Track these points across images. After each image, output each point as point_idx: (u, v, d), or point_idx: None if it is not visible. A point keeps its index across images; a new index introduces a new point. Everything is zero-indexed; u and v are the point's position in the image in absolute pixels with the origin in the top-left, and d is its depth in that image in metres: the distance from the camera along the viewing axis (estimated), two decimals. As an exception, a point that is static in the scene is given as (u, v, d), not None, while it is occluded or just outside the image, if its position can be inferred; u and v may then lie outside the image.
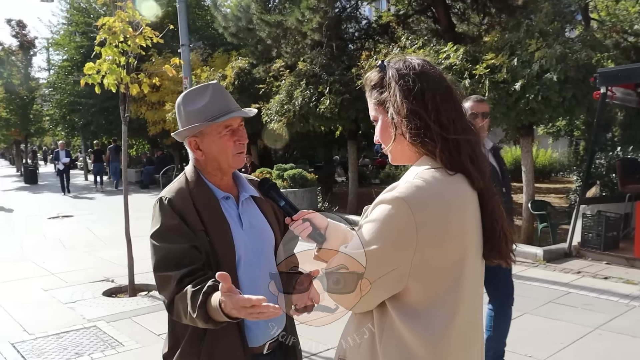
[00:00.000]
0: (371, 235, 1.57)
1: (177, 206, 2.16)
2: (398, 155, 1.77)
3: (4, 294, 7.84)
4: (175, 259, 2.06)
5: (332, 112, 13.29)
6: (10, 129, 35.54)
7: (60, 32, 31.00)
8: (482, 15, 16.33)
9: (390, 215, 1.54)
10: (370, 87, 1.80)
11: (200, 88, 2.26)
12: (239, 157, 2.26)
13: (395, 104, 1.67)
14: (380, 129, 1.77)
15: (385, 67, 1.76)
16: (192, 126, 2.19)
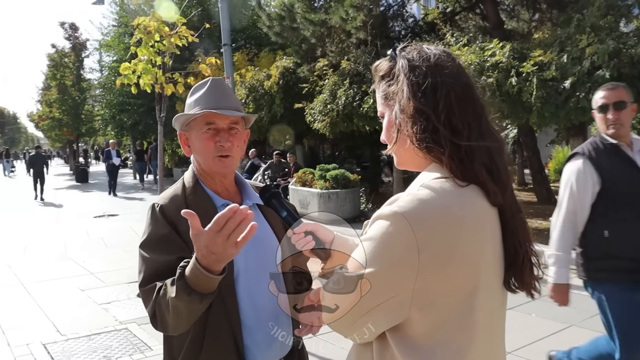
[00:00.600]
0: (368, 256, 1.35)
1: (169, 214, 1.99)
2: (402, 159, 1.55)
3: (43, 293, 7.89)
4: (162, 273, 1.87)
5: (375, 112, 13.02)
6: (63, 128, 36.34)
7: (110, 34, 31.55)
8: (532, 11, 15.89)
9: (387, 233, 1.32)
10: (378, 77, 1.56)
11: (203, 81, 2.10)
12: (220, 161, 2.05)
13: (402, 100, 1.43)
14: (384, 127, 1.54)
15: (396, 56, 1.52)
16: (178, 115, 2.04)
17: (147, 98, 24.75)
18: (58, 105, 35.21)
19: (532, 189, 18.19)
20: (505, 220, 1.45)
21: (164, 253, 1.91)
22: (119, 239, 12.08)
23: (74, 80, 35.46)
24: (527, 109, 9.82)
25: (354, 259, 1.40)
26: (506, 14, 16.93)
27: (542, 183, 16.57)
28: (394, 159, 1.58)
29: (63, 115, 35.30)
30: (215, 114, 2.01)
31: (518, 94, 9.57)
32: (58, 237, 12.79)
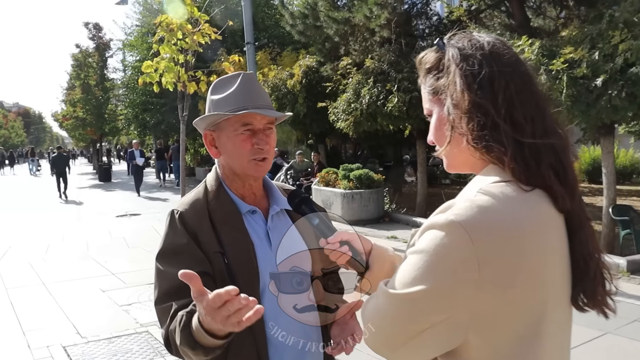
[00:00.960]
0: (417, 271, 1.17)
1: (189, 221, 1.82)
2: (455, 161, 1.37)
3: (64, 293, 7.82)
4: (178, 289, 1.70)
5: (400, 111, 12.86)
6: (87, 128, 36.58)
7: (133, 33, 31.69)
8: (559, 8, 15.57)
9: (442, 245, 1.14)
10: (424, 70, 1.39)
11: (230, 76, 1.92)
12: (258, 165, 1.88)
13: (454, 94, 1.26)
14: (434, 126, 1.37)
15: (444, 45, 1.35)
16: (205, 115, 1.86)
17: (169, 97, 24.80)
18: (82, 105, 35.44)
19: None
20: (573, 228, 1.27)
21: (181, 266, 1.71)
22: (141, 239, 12.02)
23: (97, 80, 35.67)
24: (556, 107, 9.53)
25: (401, 273, 1.22)
26: (532, 11, 16.64)
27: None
28: (443, 161, 1.41)
29: (87, 114, 35.51)
30: (253, 114, 1.84)
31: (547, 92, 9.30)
32: (80, 237, 12.79)
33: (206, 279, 1.70)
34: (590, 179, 21.00)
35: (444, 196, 13.56)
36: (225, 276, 1.75)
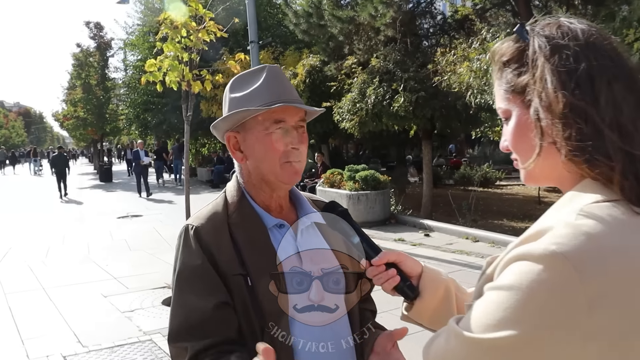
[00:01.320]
0: (505, 312, 0.92)
1: (205, 238, 1.57)
2: (540, 173, 1.10)
3: (64, 298, 7.60)
4: (195, 324, 1.48)
5: (406, 111, 12.65)
6: (87, 128, 36.40)
7: (135, 33, 31.48)
8: (565, 7, 15.37)
9: (540, 282, 0.89)
10: (500, 63, 1.13)
11: (253, 70, 1.66)
12: (292, 168, 1.62)
13: (545, 95, 1.01)
14: (514, 132, 1.10)
15: (527, 33, 1.09)
16: (229, 114, 1.60)
17: (171, 97, 24.59)
18: (83, 105, 35.29)
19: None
20: None
21: (196, 293, 1.52)
22: (143, 241, 11.81)
23: (98, 80, 35.51)
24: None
25: (481, 313, 0.97)
26: (538, 10, 16.47)
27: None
28: (520, 172, 1.14)
29: (87, 114, 35.36)
30: (287, 109, 1.59)
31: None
32: (81, 238, 12.57)
33: (223, 314, 1.50)
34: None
35: (451, 197, 13.35)
36: (248, 302, 1.51)
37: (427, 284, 1.42)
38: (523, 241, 0.98)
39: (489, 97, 10.47)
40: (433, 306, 1.42)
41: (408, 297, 1.43)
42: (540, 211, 0.95)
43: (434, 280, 1.43)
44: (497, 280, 0.98)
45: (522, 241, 0.98)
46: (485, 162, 25.17)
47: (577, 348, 0.89)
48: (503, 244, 9.94)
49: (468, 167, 22.03)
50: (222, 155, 28.68)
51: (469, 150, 35.15)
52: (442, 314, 1.41)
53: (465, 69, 10.60)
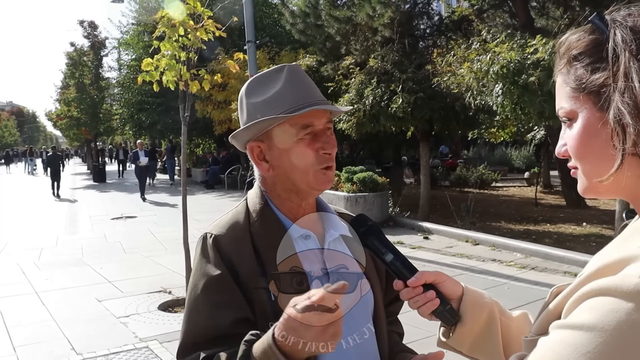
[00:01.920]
0: (585, 356, 0.76)
1: (226, 249, 1.44)
2: (611, 186, 0.93)
3: (57, 303, 7.41)
4: (208, 341, 1.35)
5: (404, 112, 12.53)
6: (81, 127, 36.15)
7: (129, 32, 31.24)
8: (562, 8, 15.30)
9: (631, 323, 0.74)
10: (568, 57, 0.97)
11: (270, 72, 1.52)
12: (325, 175, 1.48)
13: (632, 92, 0.85)
14: (579, 136, 0.94)
15: (605, 24, 0.93)
16: (253, 122, 1.45)
17: (166, 97, 24.40)
18: (76, 104, 35.00)
19: (560, 192, 17.65)
20: None
21: (213, 307, 1.38)
22: (138, 243, 11.63)
23: (92, 79, 35.24)
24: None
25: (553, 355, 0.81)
26: (535, 11, 16.42)
27: (572, 186, 16.02)
28: (579, 183, 0.99)
29: (81, 114, 35.06)
30: (314, 111, 1.44)
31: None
32: (75, 241, 12.36)
33: (243, 328, 1.33)
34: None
35: (449, 200, 13.23)
36: (271, 318, 1.35)
37: (468, 308, 1.28)
38: (601, 271, 0.82)
39: (489, 98, 10.36)
40: (475, 332, 1.28)
41: (448, 322, 1.29)
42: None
43: (476, 303, 1.29)
44: (570, 317, 0.83)
45: (599, 271, 0.83)
46: (481, 163, 25.12)
47: None
48: (503, 247, 9.83)
49: (464, 169, 21.94)
50: (217, 155, 28.53)
51: (464, 152, 35.08)
52: (485, 341, 1.28)
53: (466, 69, 10.48)
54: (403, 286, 1.28)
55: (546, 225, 12.62)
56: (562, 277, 7.76)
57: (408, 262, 1.32)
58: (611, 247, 0.90)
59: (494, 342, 1.27)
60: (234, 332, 1.33)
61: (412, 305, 1.28)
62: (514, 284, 7.59)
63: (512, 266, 8.61)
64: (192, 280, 1.47)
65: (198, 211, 15.22)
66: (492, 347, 1.27)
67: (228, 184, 24.23)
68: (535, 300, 6.58)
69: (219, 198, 21.00)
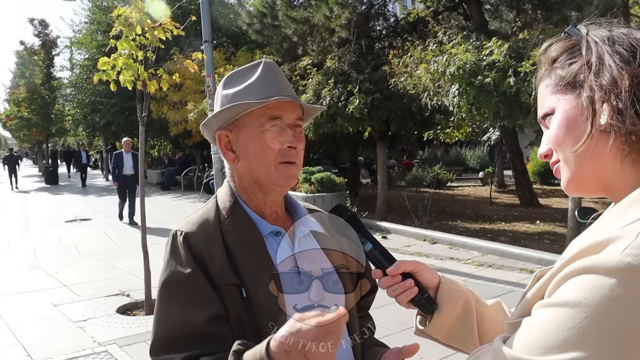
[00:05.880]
0: (571, 331, 0.80)
1: (196, 246, 1.43)
2: (592, 171, 0.99)
3: (11, 309, 7.22)
4: (183, 339, 1.33)
5: (361, 112, 12.62)
6: (32, 128, 35.35)
7: (82, 31, 30.62)
8: (515, 11, 15.63)
9: (615, 298, 0.78)
10: (548, 61, 1.06)
11: (248, 66, 1.56)
12: (287, 169, 1.50)
13: (605, 72, 0.94)
14: (560, 124, 1.01)
15: (579, 30, 1.03)
16: (222, 109, 1.48)
17: (120, 98, 24.03)
18: (27, 105, 34.23)
19: (514, 191, 18.01)
20: None
21: (184, 305, 1.37)
22: (94, 247, 11.41)
23: (43, 79, 34.46)
24: (524, 110, 9.45)
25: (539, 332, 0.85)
26: (489, 14, 16.72)
27: (525, 185, 16.40)
28: (562, 176, 1.05)
29: (32, 114, 34.30)
30: (283, 105, 1.48)
31: (516, 95, 9.17)
32: (27, 244, 12.06)
33: (217, 325, 1.35)
34: (542, 181, 21.34)
35: (406, 200, 13.37)
36: (243, 315, 1.38)
37: (445, 296, 1.32)
38: (583, 252, 0.86)
39: (445, 99, 10.51)
40: (451, 320, 1.32)
41: (426, 310, 1.32)
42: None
43: (452, 292, 1.33)
44: (554, 296, 0.87)
45: (581, 252, 0.86)
46: (436, 163, 25.44)
47: None
48: (461, 246, 9.98)
49: (420, 169, 22.19)
50: (173, 157, 28.23)
51: (420, 152, 35.47)
52: (461, 329, 1.33)
53: (423, 70, 10.60)
54: (382, 275, 1.31)
55: (501, 223, 12.84)
56: (518, 274, 7.92)
57: (387, 251, 1.35)
58: (590, 231, 0.93)
59: (469, 330, 1.31)
60: (208, 330, 1.33)
61: (390, 293, 1.31)
62: (472, 281, 7.70)
63: (470, 264, 8.74)
64: (162, 278, 1.44)
65: (155, 213, 15.03)
66: (468, 335, 1.30)
67: (184, 185, 24.00)
68: (494, 297, 6.68)
69: (175, 200, 20.78)
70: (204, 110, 17.68)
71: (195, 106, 19.12)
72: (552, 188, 20.26)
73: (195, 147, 28.02)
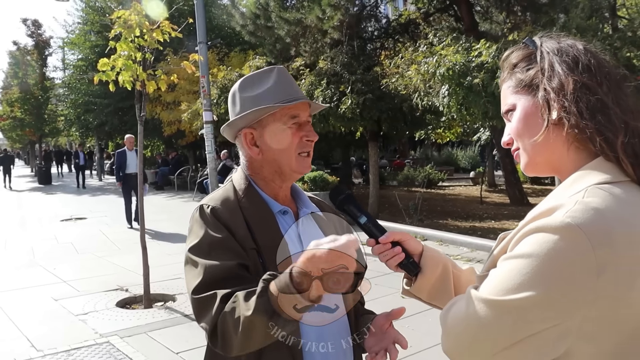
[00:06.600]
0: (525, 276, 1.07)
1: (223, 217, 1.70)
2: (540, 157, 1.26)
3: (13, 303, 7.39)
4: (221, 279, 1.58)
5: (353, 113, 12.83)
6: (25, 129, 35.36)
7: (75, 31, 30.71)
8: (505, 13, 15.87)
9: (558, 249, 1.04)
10: (510, 66, 1.32)
11: (262, 71, 1.83)
12: (305, 160, 1.80)
13: (555, 78, 1.20)
14: (520, 118, 1.27)
15: (535, 42, 1.30)
16: (252, 110, 1.73)
17: (113, 98, 24.14)
18: (20, 105, 34.23)
19: (504, 190, 18.26)
20: None
21: (221, 259, 1.62)
22: (90, 244, 11.60)
23: (36, 79, 34.47)
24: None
25: (501, 279, 1.12)
26: (480, 15, 16.94)
27: (515, 185, 16.63)
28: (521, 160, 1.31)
29: (25, 115, 34.30)
30: (300, 104, 1.76)
31: (504, 95, 9.40)
32: (24, 243, 12.21)
33: (244, 273, 1.61)
34: (532, 181, 21.59)
35: (398, 198, 13.59)
36: (261, 273, 1.60)
37: (428, 261, 1.56)
38: (536, 217, 1.13)
39: (436, 99, 10.75)
40: (432, 282, 1.56)
41: (411, 272, 1.56)
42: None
43: (434, 258, 1.57)
44: (514, 250, 1.13)
45: (535, 217, 1.13)
46: (428, 163, 25.67)
47: (586, 304, 1.05)
48: (451, 242, 10.21)
49: (411, 169, 22.42)
50: (166, 157, 28.37)
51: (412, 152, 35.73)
52: (441, 289, 1.57)
53: (414, 71, 10.83)
54: (375, 243, 1.56)
55: (491, 222, 13.09)
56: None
57: (378, 224, 1.60)
58: (544, 201, 1.19)
59: (447, 289, 1.57)
60: (239, 273, 1.59)
61: (382, 258, 1.55)
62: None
63: (459, 259, 8.97)
64: (195, 241, 1.68)
65: (149, 212, 15.08)
66: (446, 294, 1.55)
67: (178, 185, 24.16)
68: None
69: (169, 199, 20.95)
70: (198, 110, 17.86)
71: (188, 106, 19.28)
72: (541, 187, 20.54)
73: (188, 148, 28.18)
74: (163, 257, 9.61)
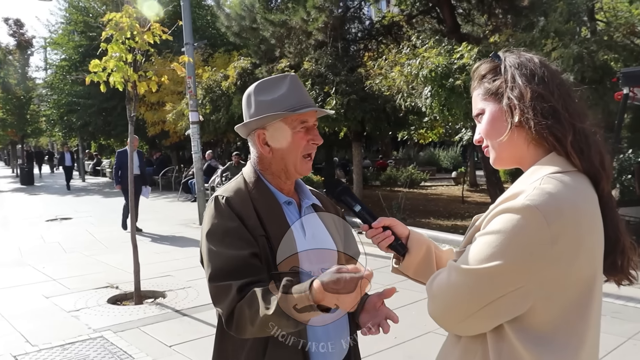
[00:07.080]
0: (494, 249, 1.36)
1: (236, 207, 1.92)
2: (505, 153, 1.56)
3: (4, 301, 7.49)
4: (235, 268, 1.79)
5: (338, 113, 13.03)
6: (7, 129, 35.08)
7: (58, 31, 30.59)
8: (487, 16, 16.13)
9: (520, 226, 1.33)
10: (479, 77, 1.60)
11: (277, 78, 2.03)
12: (307, 164, 2.03)
13: (516, 88, 1.48)
14: (488, 121, 1.55)
15: (499, 56, 1.58)
16: (270, 114, 1.94)
17: (97, 98, 24.13)
18: (2, 105, 33.94)
19: (485, 190, 18.54)
20: (607, 208, 1.48)
21: (233, 247, 1.83)
22: (77, 243, 11.68)
23: (18, 79, 34.23)
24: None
25: (475, 252, 1.40)
26: (462, 18, 17.17)
27: (496, 184, 16.87)
28: (490, 156, 1.60)
29: (7, 115, 34.06)
30: (310, 112, 1.98)
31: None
32: (10, 243, 12.24)
33: (256, 261, 1.83)
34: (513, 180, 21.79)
35: (381, 198, 13.80)
36: (270, 258, 1.87)
37: (414, 243, 1.82)
38: (503, 201, 1.41)
39: (419, 100, 10.97)
40: (418, 261, 1.82)
41: (400, 252, 1.81)
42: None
43: (419, 240, 1.83)
44: (486, 228, 1.41)
45: (502, 201, 1.42)
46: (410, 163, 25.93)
47: (544, 269, 1.34)
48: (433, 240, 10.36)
49: (394, 169, 22.64)
50: (150, 157, 28.36)
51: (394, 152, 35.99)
52: (425, 267, 1.83)
53: (397, 73, 11.05)
54: (368, 228, 1.81)
55: (472, 220, 13.30)
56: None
57: (371, 211, 1.85)
58: (510, 188, 1.46)
59: (431, 267, 1.83)
60: (251, 262, 1.81)
61: (374, 241, 1.81)
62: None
63: (442, 257, 9.17)
64: (210, 230, 1.89)
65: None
66: (430, 271, 1.79)
67: (162, 185, 24.24)
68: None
69: (153, 199, 20.94)
70: (182, 111, 17.96)
71: (173, 107, 19.36)
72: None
73: (171, 148, 28.20)
74: (151, 255, 9.76)
